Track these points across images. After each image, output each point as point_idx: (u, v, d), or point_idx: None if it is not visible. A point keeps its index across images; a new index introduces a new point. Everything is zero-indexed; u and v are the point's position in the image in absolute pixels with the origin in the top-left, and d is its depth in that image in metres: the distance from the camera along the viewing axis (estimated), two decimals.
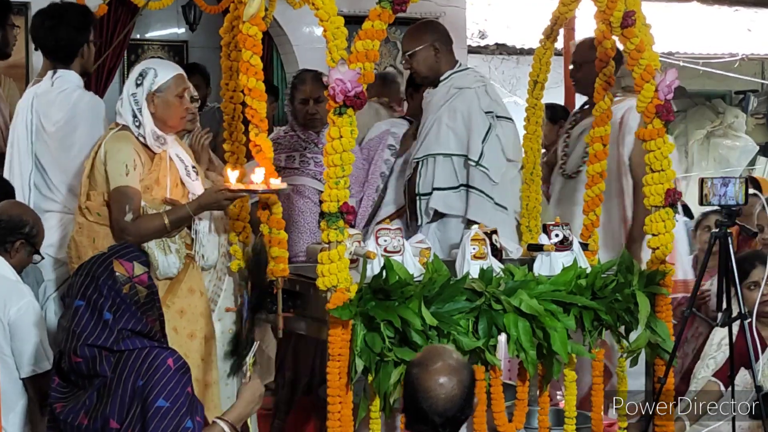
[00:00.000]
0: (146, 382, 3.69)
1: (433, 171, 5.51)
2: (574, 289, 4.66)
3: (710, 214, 6.24)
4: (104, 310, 3.74)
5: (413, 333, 4.28)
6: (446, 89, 5.58)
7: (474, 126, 5.46)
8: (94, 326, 3.73)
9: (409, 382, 3.60)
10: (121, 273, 3.80)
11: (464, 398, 3.58)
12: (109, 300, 3.75)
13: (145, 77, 4.69)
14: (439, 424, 3.55)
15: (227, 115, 5.15)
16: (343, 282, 4.25)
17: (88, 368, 3.74)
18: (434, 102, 5.59)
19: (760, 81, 14.52)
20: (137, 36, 10.38)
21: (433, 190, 5.49)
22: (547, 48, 5.56)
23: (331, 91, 4.22)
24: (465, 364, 3.70)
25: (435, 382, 3.54)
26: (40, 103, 5.12)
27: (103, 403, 3.72)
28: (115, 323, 3.74)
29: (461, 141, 5.48)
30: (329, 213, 4.26)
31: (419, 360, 3.67)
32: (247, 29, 4.56)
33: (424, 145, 5.54)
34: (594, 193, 5.32)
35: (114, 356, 3.74)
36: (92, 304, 3.75)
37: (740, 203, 4.59)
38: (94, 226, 4.63)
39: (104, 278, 3.77)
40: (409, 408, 3.60)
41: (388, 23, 4.36)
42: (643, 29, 4.81)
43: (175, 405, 3.68)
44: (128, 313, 3.76)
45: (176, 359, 3.75)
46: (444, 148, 5.50)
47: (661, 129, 4.78)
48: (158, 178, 4.69)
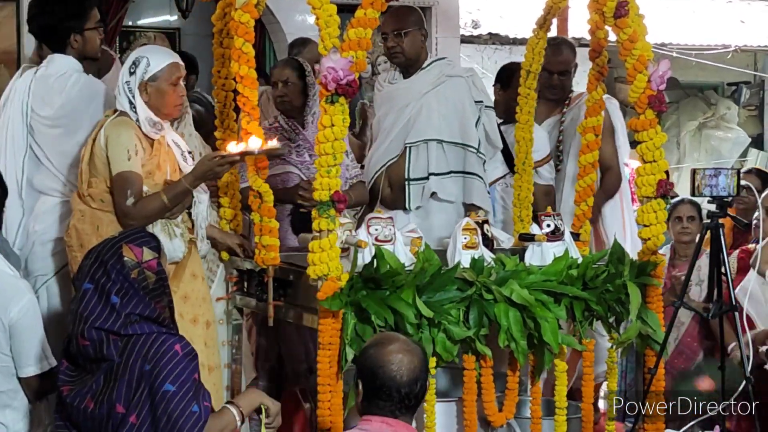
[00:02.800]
0: (153, 366, 3.69)
1: (426, 156, 5.55)
2: (565, 280, 4.66)
3: (679, 204, 6.22)
4: (112, 294, 3.74)
5: (404, 322, 4.28)
6: (434, 77, 5.60)
7: (468, 114, 5.57)
8: (101, 310, 3.73)
9: (368, 362, 3.62)
10: (130, 258, 3.79)
11: (424, 372, 3.65)
12: (117, 284, 3.75)
13: (138, 65, 4.65)
14: (404, 395, 3.57)
15: (219, 103, 5.14)
16: (334, 271, 4.24)
17: (95, 351, 3.74)
18: (415, 89, 5.61)
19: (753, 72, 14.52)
20: (129, 23, 10.33)
21: (430, 175, 5.54)
22: (540, 38, 5.56)
23: (323, 79, 4.21)
24: (419, 346, 3.76)
25: (396, 356, 3.59)
26: (37, 87, 5.06)
27: (109, 387, 3.72)
28: (123, 307, 3.74)
29: (452, 128, 5.56)
30: (321, 201, 4.26)
31: (374, 342, 3.72)
32: (240, 17, 4.55)
33: (414, 131, 5.55)
34: (585, 183, 5.32)
35: (121, 340, 3.74)
36: (100, 288, 3.75)
37: (732, 194, 4.60)
38: (98, 213, 4.60)
39: (113, 262, 3.77)
40: (368, 389, 3.61)
41: (380, 11, 4.35)
42: (636, 19, 4.81)
43: (181, 389, 3.68)
44: (136, 298, 3.76)
45: (184, 345, 3.75)
46: (438, 134, 5.55)
47: (653, 120, 4.78)
48: (159, 164, 4.68)
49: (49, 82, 5.02)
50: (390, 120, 5.64)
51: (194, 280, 4.76)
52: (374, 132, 5.82)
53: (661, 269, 4.87)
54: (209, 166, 4.61)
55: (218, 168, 4.62)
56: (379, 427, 3.60)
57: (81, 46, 5.07)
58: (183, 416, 3.66)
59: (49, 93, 5.00)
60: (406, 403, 3.61)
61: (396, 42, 5.58)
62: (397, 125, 5.61)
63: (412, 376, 3.60)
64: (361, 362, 3.67)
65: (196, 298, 4.74)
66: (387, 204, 5.59)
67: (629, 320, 4.74)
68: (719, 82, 14.59)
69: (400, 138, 5.60)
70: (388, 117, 5.67)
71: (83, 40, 5.07)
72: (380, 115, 5.73)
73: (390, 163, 5.63)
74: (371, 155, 5.72)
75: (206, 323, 4.79)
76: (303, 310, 4.57)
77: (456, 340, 4.42)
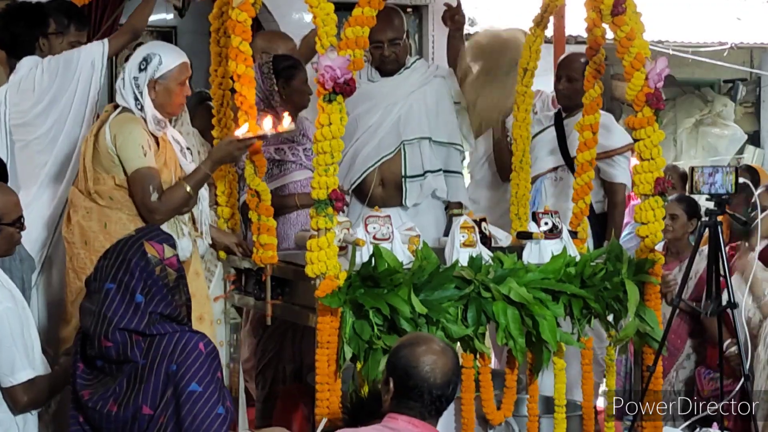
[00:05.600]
0: (179, 366, 3.68)
1: (420, 154, 5.61)
2: (563, 278, 4.65)
3: (673, 201, 6.24)
4: (136, 293, 3.71)
5: (402, 320, 4.28)
6: (419, 76, 5.68)
7: (451, 114, 5.77)
8: (125, 309, 3.71)
9: (401, 361, 3.60)
10: (153, 255, 3.78)
11: (457, 375, 3.64)
12: (141, 282, 3.73)
13: (149, 63, 4.63)
14: (436, 397, 3.56)
15: (216, 102, 5.13)
16: (332, 269, 4.24)
17: (118, 354, 3.71)
18: (402, 87, 5.68)
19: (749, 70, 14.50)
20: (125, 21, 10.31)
21: (426, 172, 5.61)
22: (537, 36, 5.56)
23: (321, 77, 4.20)
24: (451, 348, 3.74)
25: (430, 357, 3.57)
26: (11, 95, 5.17)
27: (134, 390, 3.70)
28: (147, 306, 3.72)
29: (439, 127, 5.70)
30: (318, 200, 4.25)
31: (406, 342, 3.69)
32: (237, 15, 4.55)
33: (409, 128, 5.58)
34: (583, 181, 5.32)
35: (145, 341, 3.71)
36: (124, 287, 3.72)
37: (730, 192, 4.59)
38: (106, 211, 4.59)
39: (136, 260, 3.75)
40: (400, 388, 3.59)
41: (377, 10, 4.34)
42: (634, 17, 4.81)
43: (207, 390, 3.68)
44: (159, 295, 3.75)
45: (206, 343, 3.75)
46: (429, 133, 5.66)
47: (651, 117, 4.78)
48: (166, 161, 4.68)
49: (19, 83, 5.10)
50: (376, 118, 5.67)
51: (197, 278, 4.76)
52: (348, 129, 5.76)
53: (659, 267, 4.87)
54: (227, 150, 4.62)
55: (237, 152, 4.64)
56: (405, 427, 3.57)
57: (48, 49, 5.23)
58: (209, 418, 3.65)
59: (22, 91, 5.09)
60: (436, 406, 3.59)
61: (392, 51, 5.63)
62: (386, 123, 5.64)
63: (445, 378, 3.58)
64: (394, 361, 3.64)
65: (201, 296, 4.74)
66: (377, 202, 5.58)
67: (627, 318, 4.74)
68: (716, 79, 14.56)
69: (392, 136, 5.62)
70: (373, 114, 5.68)
71: (49, 43, 5.19)
72: (359, 111, 5.69)
73: (384, 161, 5.64)
74: (355, 152, 5.70)
75: (210, 321, 4.80)
76: (301, 309, 4.56)
77: (454, 338, 4.41)
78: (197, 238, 4.80)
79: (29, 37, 5.23)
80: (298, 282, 4.57)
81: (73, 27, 5.36)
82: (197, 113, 5.69)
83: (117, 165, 4.56)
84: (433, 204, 5.68)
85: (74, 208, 4.67)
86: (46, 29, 5.26)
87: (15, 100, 5.13)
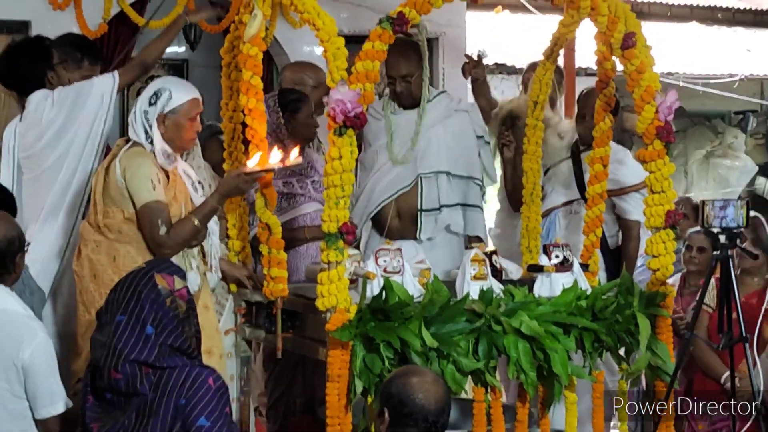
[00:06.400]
0: (188, 401, 3.67)
1: (437, 187, 5.58)
2: (575, 311, 4.65)
3: (693, 233, 6.24)
4: (147, 324, 3.72)
5: (413, 354, 4.27)
6: (441, 110, 5.64)
7: (472, 148, 5.67)
8: (135, 341, 3.71)
9: (395, 390, 3.60)
10: (163, 286, 3.78)
11: (449, 404, 3.65)
12: (152, 313, 3.73)
13: (159, 97, 4.65)
14: (431, 423, 3.56)
15: (227, 135, 5.15)
16: (342, 302, 4.24)
17: (127, 386, 3.71)
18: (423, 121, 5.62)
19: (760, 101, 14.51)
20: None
21: (442, 206, 5.58)
22: (547, 69, 5.56)
23: (332, 111, 4.22)
24: (442, 380, 3.78)
25: (424, 385, 3.58)
26: (22, 128, 5.23)
27: (143, 424, 3.69)
28: (157, 338, 3.72)
29: (458, 161, 5.61)
30: (329, 233, 4.26)
31: (401, 372, 3.70)
32: (248, 50, 4.57)
33: (427, 162, 5.56)
34: (594, 214, 5.31)
35: (155, 374, 3.71)
36: (134, 318, 3.73)
37: (741, 225, 4.58)
38: (115, 244, 4.60)
39: (146, 291, 3.75)
40: (395, 417, 3.59)
41: (388, 44, 4.36)
42: (644, 51, 4.82)
43: (216, 425, 3.67)
44: (170, 327, 3.75)
45: (216, 378, 3.75)
46: (448, 167, 5.59)
47: (661, 150, 4.78)
48: (175, 195, 4.69)
49: (29, 118, 5.14)
50: (396, 150, 5.64)
51: (206, 311, 4.75)
52: (368, 160, 5.78)
53: (671, 300, 4.86)
54: (235, 184, 4.63)
55: (243, 185, 4.64)
56: None
57: (57, 81, 5.27)
58: None
59: (30, 123, 5.13)
60: (435, 428, 3.60)
61: (404, 87, 5.61)
62: (405, 155, 5.61)
63: (439, 405, 3.59)
64: (389, 390, 3.65)
65: (209, 330, 4.73)
66: (393, 234, 5.59)
67: (639, 351, 4.72)
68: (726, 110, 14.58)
69: (409, 168, 5.61)
70: (394, 147, 5.66)
71: (57, 75, 5.21)
72: (380, 144, 5.69)
73: (401, 193, 5.63)
74: (374, 184, 5.71)
75: (219, 355, 4.79)
76: (312, 342, 4.56)
77: (465, 371, 4.40)
78: (207, 272, 4.80)
79: (36, 71, 5.26)
80: (309, 315, 4.57)
81: (87, 61, 5.39)
82: (208, 147, 5.71)
83: (126, 199, 4.57)
84: (448, 238, 5.65)
85: (84, 242, 4.68)
86: (51, 61, 5.29)
87: (24, 134, 5.16)
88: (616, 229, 6.08)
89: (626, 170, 5.92)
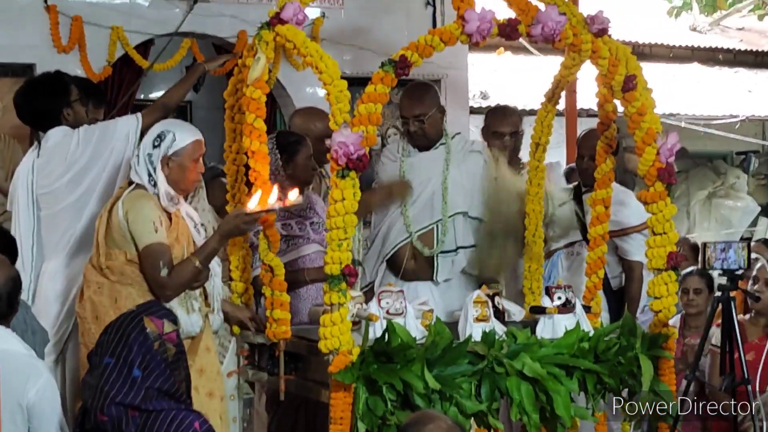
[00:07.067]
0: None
1: (453, 229, 5.61)
2: (577, 352, 4.64)
3: (687, 276, 6.24)
4: (134, 367, 3.73)
5: (416, 396, 4.27)
6: (457, 152, 5.68)
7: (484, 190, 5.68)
8: (122, 383, 3.72)
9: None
10: (152, 329, 3.79)
11: None
12: (139, 356, 3.74)
13: (163, 140, 4.67)
14: None
15: (230, 177, 5.16)
16: (345, 345, 4.24)
17: (113, 428, 3.72)
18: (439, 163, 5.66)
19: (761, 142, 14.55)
20: (141, 96, 10.42)
21: (458, 248, 5.59)
22: (549, 111, 5.58)
23: (335, 153, 4.24)
24: (458, 425, 3.69)
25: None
26: (41, 164, 5.22)
27: None
28: (144, 381, 3.72)
29: (474, 203, 5.66)
30: (332, 275, 4.26)
31: (413, 421, 3.65)
32: (251, 92, 4.60)
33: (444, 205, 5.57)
34: (596, 256, 5.32)
35: (141, 417, 3.72)
36: (122, 361, 3.74)
37: (743, 267, 4.59)
38: (117, 286, 4.60)
39: (135, 335, 3.76)
40: None
41: (391, 87, 4.39)
42: (645, 93, 4.84)
43: None
44: (158, 371, 3.75)
45: (202, 422, 3.75)
46: (465, 208, 5.63)
47: (662, 192, 4.79)
48: (178, 237, 4.70)
49: (49, 153, 5.14)
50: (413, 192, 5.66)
51: (208, 353, 4.75)
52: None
53: (673, 341, 4.86)
54: (235, 224, 4.63)
55: (243, 226, 4.64)
56: None
57: (73, 118, 5.28)
58: None
59: (51, 160, 5.11)
60: None
61: (418, 127, 5.63)
62: (420, 198, 5.63)
63: None
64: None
65: (211, 372, 4.73)
66: (409, 275, 5.59)
67: (642, 393, 4.71)
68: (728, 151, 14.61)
69: (426, 210, 5.62)
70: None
71: (74, 111, 5.24)
72: None
73: (417, 235, 5.63)
74: (390, 225, 5.72)
75: (221, 397, 4.78)
76: (315, 384, 4.55)
77: (468, 414, 4.40)
78: (210, 314, 4.80)
79: (54, 107, 5.27)
80: (312, 357, 4.57)
81: (91, 104, 5.43)
82: (210, 188, 5.73)
83: (128, 241, 4.59)
84: (464, 279, 5.65)
85: (87, 284, 4.69)
86: (69, 98, 5.31)
87: (43, 171, 5.17)
88: (619, 270, 6.08)
89: (628, 211, 5.94)
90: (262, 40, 4.63)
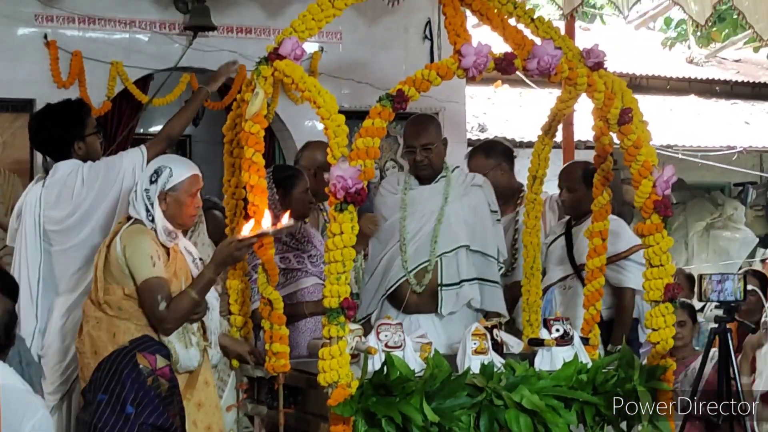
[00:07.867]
0: None
1: (456, 262, 5.60)
2: (576, 385, 4.65)
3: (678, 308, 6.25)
4: (127, 404, 3.73)
5: (414, 429, 4.27)
6: (459, 185, 5.68)
7: (487, 224, 5.70)
8: (116, 420, 3.72)
9: None
10: (145, 365, 3.80)
11: None
12: (132, 393, 3.74)
13: (160, 175, 4.70)
14: None
15: (229, 211, 5.19)
16: (344, 378, 4.24)
17: None
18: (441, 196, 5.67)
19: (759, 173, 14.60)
20: (141, 130, 10.47)
21: (462, 281, 5.59)
22: (546, 144, 5.60)
23: (333, 187, 4.25)
24: None
25: None
26: (48, 196, 5.20)
27: None
28: (137, 417, 3.73)
29: (476, 236, 5.64)
30: (330, 308, 4.28)
31: None
32: (250, 127, 4.62)
33: (446, 237, 5.59)
34: (594, 288, 5.34)
35: None
36: (115, 398, 3.74)
37: (739, 299, 4.61)
38: (115, 321, 4.60)
39: (128, 371, 3.77)
40: None
41: (388, 121, 4.41)
42: (641, 126, 4.86)
43: None
44: (151, 406, 3.76)
45: None
46: (467, 241, 5.61)
47: (659, 224, 4.80)
48: (176, 272, 4.71)
49: (57, 187, 5.13)
50: (413, 226, 5.65)
51: (207, 387, 4.75)
52: (382, 235, 5.80)
53: (671, 373, 4.86)
54: (228, 252, 4.63)
55: (237, 252, 4.65)
56: None
57: (84, 152, 5.25)
58: None
59: (59, 197, 5.11)
60: None
61: (424, 156, 5.64)
62: (422, 232, 5.63)
63: None
64: None
65: (209, 406, 4.73)
66: (411, 309, 5.59)
67: (640, 425, 4.72)
68: (726, 182, 14.66)
69: (428, 244, 5.61)
70: (410, 222, 5.67)
71: (86, 146, 5.26)
72: (396, 218, 5.71)
73: (420, 268, 5.63)
74: (390, 259, 5.72)
75: (219, 431, 4.78)
76: (314, 418, 4.56)
77: None
78: (209, 348, 4.81)
79: (66, 138, 5.23)
80: (311, 390, 4.58)
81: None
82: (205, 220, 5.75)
83: (127, 276, 4.60)
84: (467, 312, 5.64)
85: (86, 318, 4.70)
86: (84, 131, 5.27)
87: (51, 205, 5.16)
88: (609, 301, 6.09)
89: (618, 240, 5.96)
90: (260, 75, 4.65)
